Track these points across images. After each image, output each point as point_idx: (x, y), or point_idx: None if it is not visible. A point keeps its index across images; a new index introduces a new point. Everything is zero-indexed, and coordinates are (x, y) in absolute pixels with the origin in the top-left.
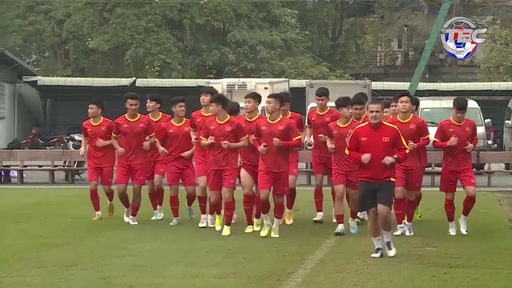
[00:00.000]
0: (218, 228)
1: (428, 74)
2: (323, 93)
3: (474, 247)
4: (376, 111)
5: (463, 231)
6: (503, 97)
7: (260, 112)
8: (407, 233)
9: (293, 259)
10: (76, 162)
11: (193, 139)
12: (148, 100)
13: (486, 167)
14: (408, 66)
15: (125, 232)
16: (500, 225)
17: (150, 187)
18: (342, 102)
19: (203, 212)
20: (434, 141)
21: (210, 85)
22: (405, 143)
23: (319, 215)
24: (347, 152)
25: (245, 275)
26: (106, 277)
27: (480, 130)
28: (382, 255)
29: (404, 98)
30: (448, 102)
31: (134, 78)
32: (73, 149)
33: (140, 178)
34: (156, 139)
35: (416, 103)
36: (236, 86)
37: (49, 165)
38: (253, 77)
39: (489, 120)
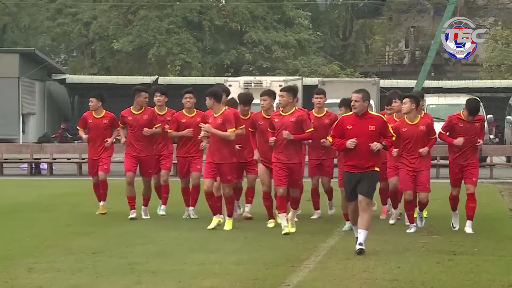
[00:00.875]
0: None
1: (433, 72)
2: (321, 92)
3: (477, 235)
4: (355, 101)
5: (468, 229)
6: (504, 94)
7: (275, 109)
8: (419, 224)
9: (306, 246)
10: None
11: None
12: (159, 94)
13: (488, 160)
14: (414, 65)
15: (149, 221)
16: (501, 215)
17: (155, 182)
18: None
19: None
20: (440, 133)
21: (228, 83)
22: (391, 131)
23: (317, 213)
24: (330, 139)
25: (261, 262)
26: (130, 263)
27: None
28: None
29: (405, 100)
30: (452, 99)
31: (157, 76)
32: None
33: (149, 172)
34: (169, 130)
35: (421, 97)
36: (253, 84)
37: (77, 158)
38: (268, 75)
39: (491, 115)
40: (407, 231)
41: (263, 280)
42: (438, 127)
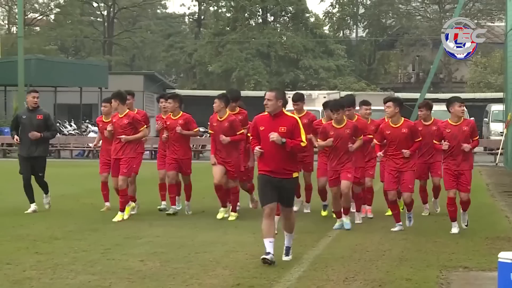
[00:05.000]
0: (126, 216)
1: (432, 88)
2: (298, 99)
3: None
4: (268, 99)
5: (463, 225)
6: (482, 103)
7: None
8: (408, 224)
9: (332, 220)
10: (200, 146)
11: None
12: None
13: None
14: (419, 82)
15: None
16: (480, 188)
17: (161, 178)
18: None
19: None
20: (434, 143)
21: (287, 96)
22: (303, 137)
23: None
24: (250, 138)
25: (298, 231)
26: (219, 221)
27: None
28: (271, 260)
29: (389, 104)
30: (443, 106)
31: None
32: (199, 137)
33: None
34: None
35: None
36: (305, 96)
37: None
38: (316, 90)
39: (473, 118)
40: (392, 229)
41: (302, 240)
42: None
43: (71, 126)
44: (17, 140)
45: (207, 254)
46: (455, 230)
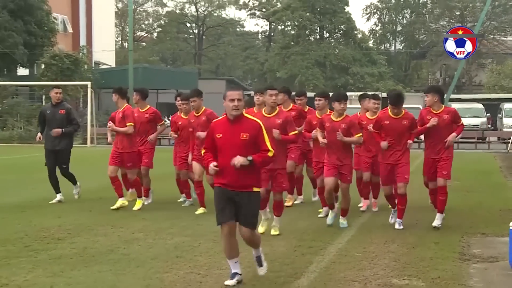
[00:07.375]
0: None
1: (456, 90)
2: (301, 94)
3: (477, 181)
4: (238, 100)
5: (436, 223)
6: (497, 102)
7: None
8: (397, 226)
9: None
10: None
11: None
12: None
13: (487, 139)
14: (445, 85)
15: None
16: (494, 170)
17: (177, 173)
18: (334, 97)
19: None
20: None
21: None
22: (268, 144)
23: (299, 198)
24: (203, 152)
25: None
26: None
27: (483, 119)
28: (239, 281)
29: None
30: (466, 104)
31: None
32: None
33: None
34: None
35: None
36: (353, 96)
37: None
38: (361, 91)
39: (489, 114)
40: (395, 225)
41: (350, 212)
42: None
43: (168, 120)
44: (39, 138)
45: None
46: (437, 222)
